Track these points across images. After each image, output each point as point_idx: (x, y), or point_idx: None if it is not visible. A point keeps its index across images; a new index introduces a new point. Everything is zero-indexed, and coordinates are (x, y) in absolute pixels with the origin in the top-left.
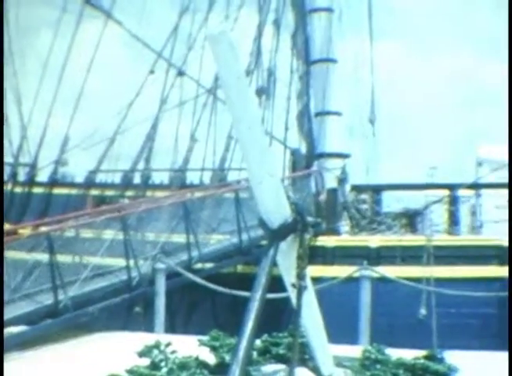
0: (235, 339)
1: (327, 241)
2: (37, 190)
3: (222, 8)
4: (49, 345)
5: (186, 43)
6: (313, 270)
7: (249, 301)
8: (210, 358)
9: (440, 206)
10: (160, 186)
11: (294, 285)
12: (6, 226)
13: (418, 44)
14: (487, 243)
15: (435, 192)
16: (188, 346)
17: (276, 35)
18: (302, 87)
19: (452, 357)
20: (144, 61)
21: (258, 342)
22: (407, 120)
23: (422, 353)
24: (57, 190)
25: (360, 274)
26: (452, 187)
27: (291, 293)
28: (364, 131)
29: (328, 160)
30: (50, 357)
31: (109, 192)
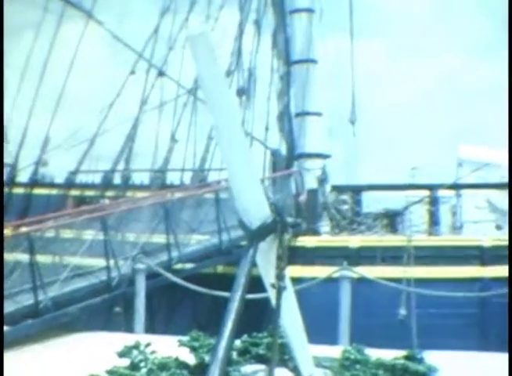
0: (215, 339)
1: (307, 242)
2: (17, 191)
3: (203, 8)
4: (29, 346)
5: (167, 43)
6: (293, 270)
7: (228, 301)
8: (189, 358)
9: (420, 206)
10: (141, 187)
11: (274, 285)
12: None
13: (399, 44)
14: (467, 243)
15: (416, 192)
16: (168, 347)
17: (257, 35)
18: (282, 87)
19: (431, 357)
20: (125, 61)
21: (238, 343)
22: (388, 120)
23: (402, 353)
24: (37, 191)
25: (340, 274)
26: (432, 188)
27: (271, 293)
28: (344, 131)
29: (308, 160)
30: (30, 357)
31: (89, 192)
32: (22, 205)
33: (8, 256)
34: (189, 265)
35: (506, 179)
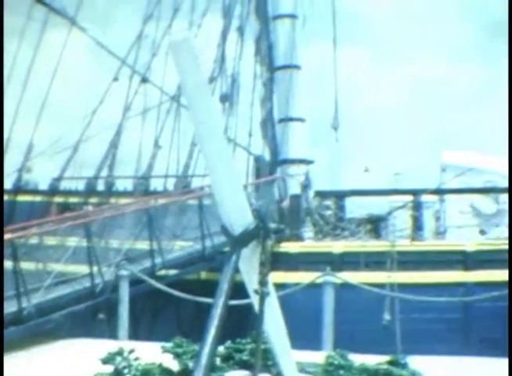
0: (198, 346)
1: (291, 247)
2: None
3: (186, 14)
4: (13, 353)
5: (150, 50)
6: (277, 276)
7: (212, 307)
8: (173, 365)
9: (404, 212)
10: (124, 193)
11: (257, 291)
12: None
13: (383, 50)
14: (451, 248)
15: (399, 198)
16: (151, 353)
17: (240, 42)
18: (266, 93)
19: (415, 362)
20: (109, 68)
21: (222, 349)
22: (371, 126)
23: (385, 359)
24: (21, 197)
25: (323, 280)
26: (415, 193)
27: (254, 299)
28: (327, 137)
29: (291, 166)
30: (13, 364)
31: (73, 199)
32: (6, 212)
33: None
34: (173, 271)
35: (489, 184)
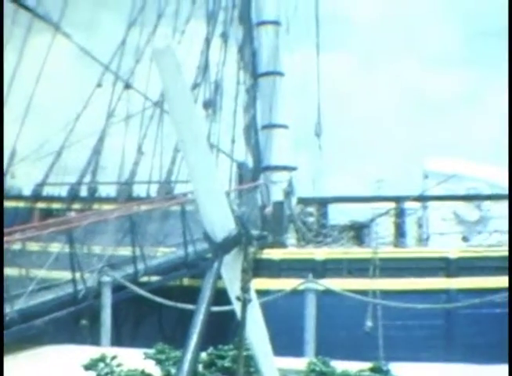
0: (180, 352)
1: (273, 254)
2: None
3: (170, 21)
4: None
5: (134, 56)
6: (259, 283)
7: (194, 314)
8: (155, 371)
9: (386, 218)
10: (107, 199)
11: (239, 298)
12: None
13: (366, 56)
14: (433, 255)
15: (382, 204)
16: (134, 359)
17: (224, 48)
18: (249, 100)
19: (397, 369)
20: (92, 74)
21: (204, 355)
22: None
23: (367, 365)
24: (4, 203)
25: (305, 287)
26: (398, 200)
27: (236, 306)
28: (310, 144)
29: (274, 173)
30: None
31: (56, 205)
32: None
33: None
34: (155, 277)
35: (472, 191)
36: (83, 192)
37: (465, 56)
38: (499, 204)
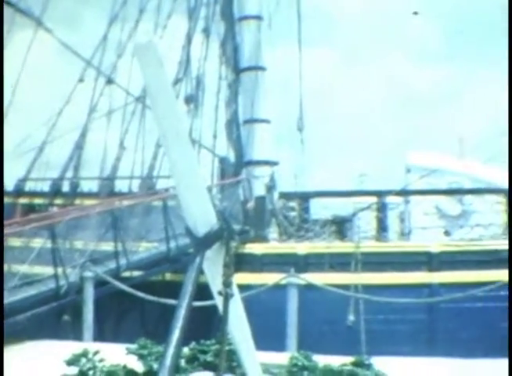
0: (163, 347)
1: (255, 248)
2: None
3: (152, 16)
4: None
5: (116, 51)
6: (241, 277)
7: (176, 309)
8: (138, 366)
9: (368, 213)
10: (89, 194)
11: (221, 293)
12: None
13: (348, 52)
14: (415, 249)
15: (364, 199)
16: (116, 354)
17: (205, 43)
18: (231, 95)
19: (380, 363)
20: (74, 69)
21: (186, 350)
22: (336, 127)
23: (350, 360)
24: None
25: (287, 281)
26: (380, 194)
27: (218, 300)
28: (293, 138)
29: (256, 167)
30: None
31: (38, 200)
32: None
33: None
34: (137, 272)
35: (454, 185)
36: (65, 187)
37: (448, 52)
38: (481, 199)
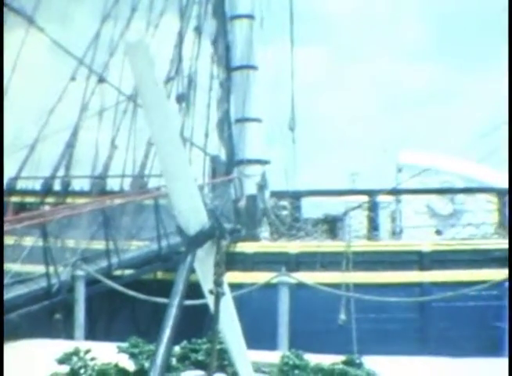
0: (154, 346)
1: (247, 247)
2: None
3: (144, 14)
4: None
5: (108, 50)
6: (233, 276)
7: (167, 307)
8: (129, 365)
9: (360, 212)
10: (81, 193)
11: (212, 291)
12: None
13: (340, 51)
14: (406, 248)
15: (356, 198)
16: (107, 353)
17: (197, 42)
18: (222, 94)
19: (371, 362)
20: (66, 68)
21: (177, 349)
22: (328, 126)
23: (341, 358)
24: None
25: (278, 280)
26: (371, 193)
27: (209, 299)
28: (284, 137)
29: (248, 166)
30: None
31: (29, 199)
32: None
33: None
34: (129, 271)
35: (446, 184)
36: (57, 186)
37: (440, 51)
38: (473, 198)
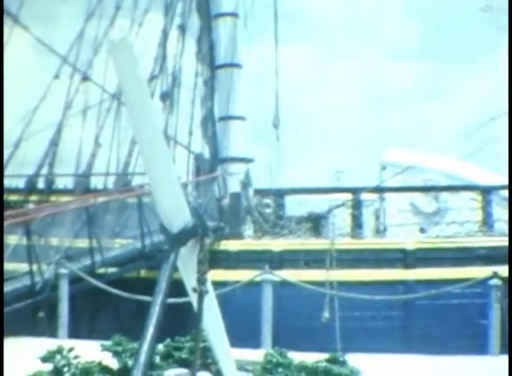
0: (138, 344)
1: (230, 245)
2: None
3: (128, 12)
4: None
5: (92, 48)
6: (216, 274)
7: (150, 306)
8: (113, 363)
9: (344, 210)
10: (64, 191)
11: (195, 290)
12: None
13: (325, 49)
14: (390, 246)
15: (340, 196)
16: (91, 351)
17: (181, 40)
18: (206, 92)
19: (354, 360)
20: (50, 66)
21: (161, 347)
22: (312, 124)
23: (324, 356)
24: None
25: (262, 278)
26: (355, 191)
27: (192, 297)
28: (268, 135)
29: (232, 164)
30: None
31: (13, 197)
32: None
33: None
34: (113, 269)
35: (430, 182)
36: (40, 184)
37: (425, 49)
38: (457, 196)
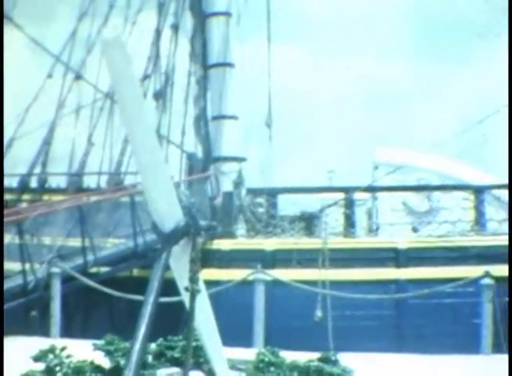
0: (130, 343)
1: (223, 244)
2: None
3: (122, 12)
4: None
5: (85, 47)
6: (209, 273)
7: (142, 305)
8: (105, 362)
9: (336, 209)
10: (57, 190)
11: (187, 289)
12: None
13: (317, 48)
14: (383, 245)
15: (332, 195)
16: (83, 350)
17: (174, 39)
18: (199, 91)
19: (346, 359)
20: (43, 65)
21: (153, 346)
22: (305, 123)
23: (317, 356)
24: None
25: (254, 277)
26: (347, 190)
27: (185, 296)
28: (261, 134)
29: (224, 163)
30: None
31: (6, 196)
32: None
33: None
34: (105, 268)
35: (422, 182)
36: (33, 183)
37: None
38: (449, 195)
